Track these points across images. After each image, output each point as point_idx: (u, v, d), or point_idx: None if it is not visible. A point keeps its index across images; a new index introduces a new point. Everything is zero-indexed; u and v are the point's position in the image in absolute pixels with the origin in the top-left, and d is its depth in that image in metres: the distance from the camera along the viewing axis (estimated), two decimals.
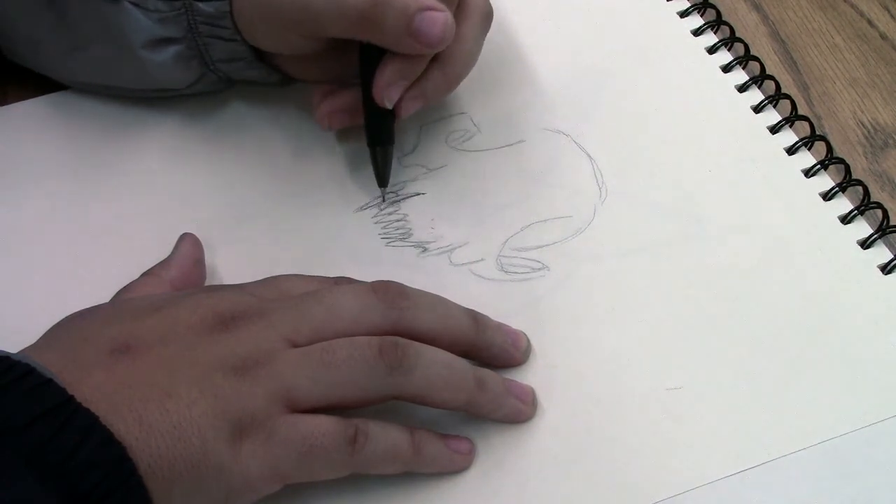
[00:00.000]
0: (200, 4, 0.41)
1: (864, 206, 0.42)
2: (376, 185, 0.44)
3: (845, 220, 0.42)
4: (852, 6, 0.51)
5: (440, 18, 0.38)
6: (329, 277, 0.38)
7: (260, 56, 0.43)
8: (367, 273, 0.38)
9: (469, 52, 0.42)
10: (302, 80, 0.46)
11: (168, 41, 0.42)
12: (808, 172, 0.43)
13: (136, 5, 0.41)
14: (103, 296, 0.36)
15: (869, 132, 0.45)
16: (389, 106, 0.40)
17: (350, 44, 0.41)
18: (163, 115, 0.47)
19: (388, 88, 0.40)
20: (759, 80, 0.47)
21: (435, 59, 0.41)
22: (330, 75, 0.44)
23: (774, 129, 0.45)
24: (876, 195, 0.42)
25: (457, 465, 0.35)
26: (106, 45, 0.43)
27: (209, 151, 0.46)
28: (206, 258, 0.40)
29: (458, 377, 0.34)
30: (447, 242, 0.42)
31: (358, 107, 0.42)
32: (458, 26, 0.40)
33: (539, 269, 0.41)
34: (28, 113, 0.48)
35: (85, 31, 0.43)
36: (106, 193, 0.44)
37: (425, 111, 0.44)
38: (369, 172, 0.44)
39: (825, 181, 0.43)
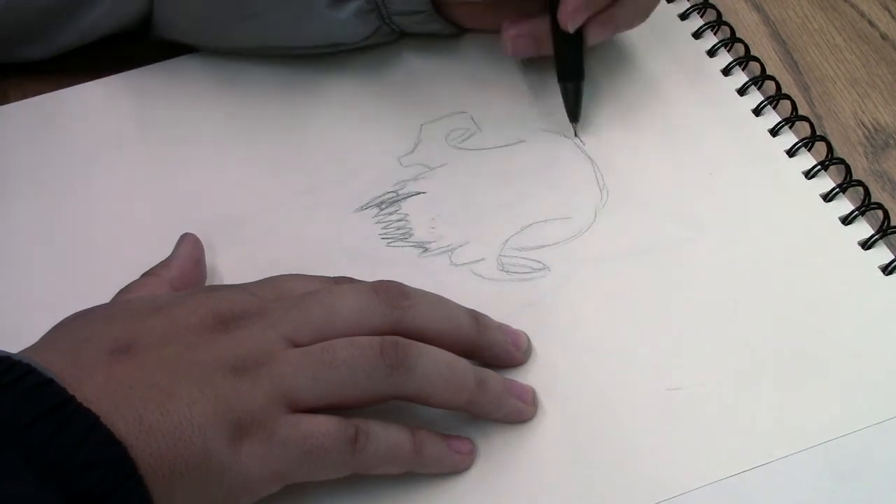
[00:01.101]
0: None
1: (865, 207, 0.42)
2: (376, 185, 0.44)
3: (846, 220, 0.42)
4: (853, 6, 0.51)
5: None
6: (329, 277, 0.38)
7: (437, 8, 0.44)
8: (367, 273, 0.38)
9: None
10: (478, 30, 0.47)
11: None
12: (809, 174, 0.43)
13: None
14: (103, 296, 0.36)
15: (869, 132, 0.45)
16: (572, 30, 0.41)
17: None
18: (163, 115, 0.47)
19: (575, 13, 0.40)
20: (759, 80, 0.47)
21: None
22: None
23: (774, 131, 0.45)
24: (877, 196, 0.42)
25: (458, 466, 0.35)
26: (286, 8, 0.43)
27: (207, 153, 0.46)
28: (206, 258, 0.40)
29: (459, 377, 0.34)
30: (447, 242, 0.42)
31: (545, 35, 0.42)
32: None
33: (540, 269, 0.41)
34: (28, 113, 0.48)
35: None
36: (106, 193, 0.45)
37: (427, 111, 0.44)
38: (369, 172, 0.44)
39: (826, 182, 0.43)
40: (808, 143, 0.44)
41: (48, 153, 0.46)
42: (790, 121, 0.45)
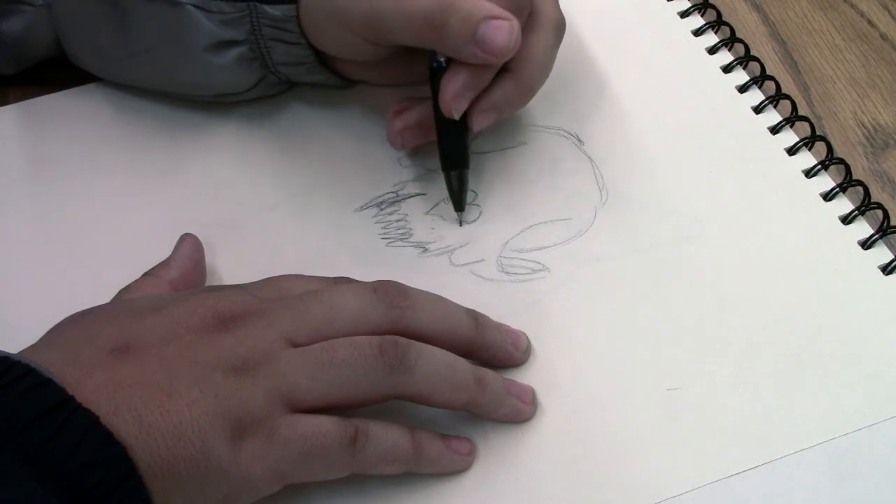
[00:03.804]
0: (266, 7, 0.40)
1: (865, 207, 0.42)
2: (376, 185, 0.44)
3: (846, 220, 0.42)
4: (852, 6, 0.51)
5: (506, 27, 0.37)
6: (329, 277, 0.38)
7: (322, 60, 0.43)
8: (367, 273, 0.38)
9: (541, 63, 0.41)
10: (364, 83, 0.46)
11: (230, 43, 0.42)
12: (809, 173, 0.43)
13: (198, 7, 0.41)
14: (103, 296, 0.36)
15: (869, 132, 0.45)
16: (457, 116, 0.39)
17: (415, 51, 0.40)
18: (163, 114, 0.47)
19: (455, 99, 0.39)
20: (759, 80, 0.47)
21: (506, 69, 0.40)
22: (394, 80, 0.44)
23: (775, 130, 0.45)
24: (876, 195, 0.42)
25: (457, 466, 0.35)
26: (167, 48, 0.43)
27: (208, 153, 0.46)
28: (206, 259, 0.40)
29: (459, 377, 0.34)
30: (447, 243, 0.42)
31: (431, 122, 0.41)
32: (530, 35, 0.39)
33: (539, 270, 0.41)
34: (28, 113, 0.48)
35: (146, 35, 0.43)
36: (106, 193, 0.45)
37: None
38: (369, 172, 0.44)
39: (826, 181, 0.43)
40: (808, 142, 0.44)
41: (48, 154, 0.46)
42: (790, 121, 0.45)
